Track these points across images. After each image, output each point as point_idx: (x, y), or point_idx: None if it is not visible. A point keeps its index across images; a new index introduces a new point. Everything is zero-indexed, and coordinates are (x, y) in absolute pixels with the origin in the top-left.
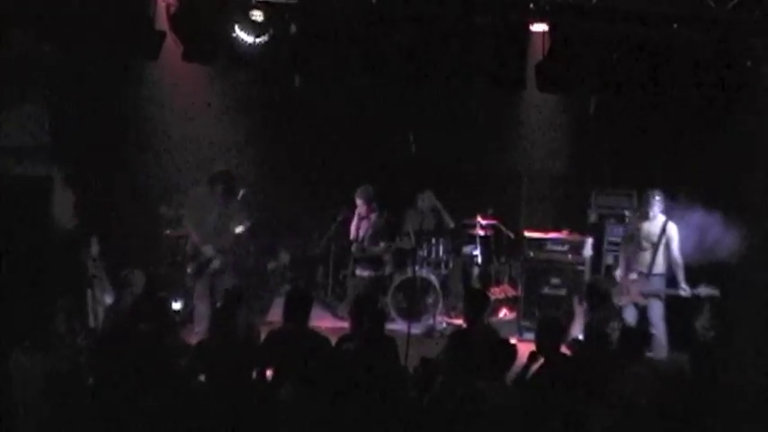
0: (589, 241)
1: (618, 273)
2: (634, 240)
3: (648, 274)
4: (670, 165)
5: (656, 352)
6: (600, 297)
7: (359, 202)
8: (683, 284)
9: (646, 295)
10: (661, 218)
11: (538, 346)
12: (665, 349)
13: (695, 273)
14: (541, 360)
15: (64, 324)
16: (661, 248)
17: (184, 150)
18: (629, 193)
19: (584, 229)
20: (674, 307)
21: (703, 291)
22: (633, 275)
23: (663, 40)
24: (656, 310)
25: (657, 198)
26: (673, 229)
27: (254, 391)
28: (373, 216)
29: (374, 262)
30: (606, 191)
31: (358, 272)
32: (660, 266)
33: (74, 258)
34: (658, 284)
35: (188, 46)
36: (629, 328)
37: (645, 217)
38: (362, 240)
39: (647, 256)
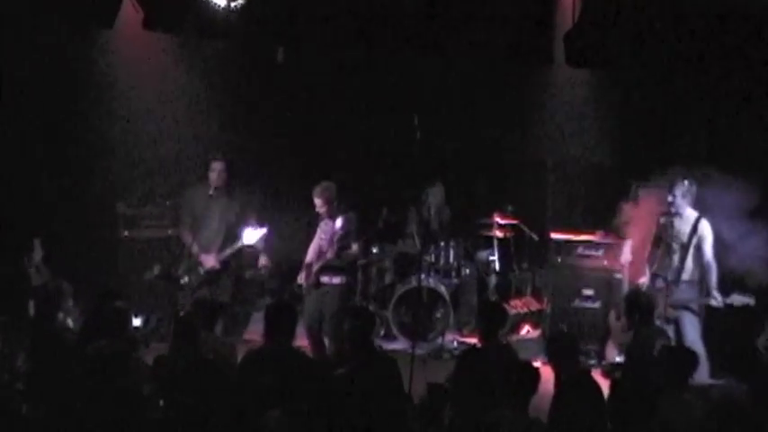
0: (629, 244)
1: (642, 281)
2: (661, 241)
3: (677, 282)
4: (726, 152)
5: (695, 375)
6: (642, 312)
7: (318, 202)
8: (715, 292)
9: (675, 306)
10: (692, 214)
11: (552, 367)
12: (707, 372)
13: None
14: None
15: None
16: (692, 250)
17: (145, 138)
18: None
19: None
20: (718, 322)
21: (736, 299)
22: (660, 284)
23: (714, 3)
24: (690, 325)
25: (682, 189)
26: (705, 228)
27: (229, 421)
28: (340, 219)
29: (344, 268)
30: (650, 183)
31: (324, 279)
32: (690, 272)
33: (12, 265)
34: (689, 293)
35: (149, 12)
36: (673, 348)
37: (673, 212)
38: (330, 244)
39: (675, 259)
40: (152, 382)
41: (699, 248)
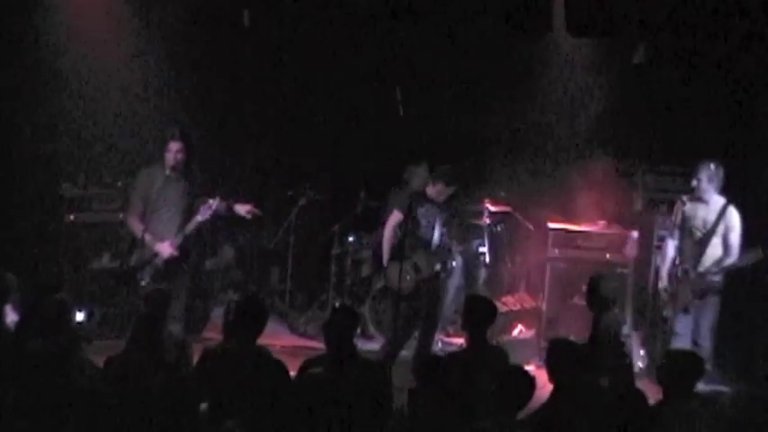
0: (634, 236)
1: (663, 270)
2: (685, 231)
3: (703, 272)
4: (742, 134)
5: None
6: (602, 300)
7: (441, 188)
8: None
9: (700, 294)
10: (719, 200)
11: (549, 374)
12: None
13: None
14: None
15: None
16: (715, 240)
17: (93, 111)
18: (690, 171)
19: (627, 220)
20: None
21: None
22: (682, 274)
23: None
24: (708, 319)
25: (708, 173)
26: (734, 216)
27: (184, 427)
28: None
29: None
30: (658, 169)
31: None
32: (713, 259)
33: None
34: (714, 284)
35: None
36: (678, 352)
37: (697, 198)
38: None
39: (699, 249)
40: (101, 383)
41: (725, 238)
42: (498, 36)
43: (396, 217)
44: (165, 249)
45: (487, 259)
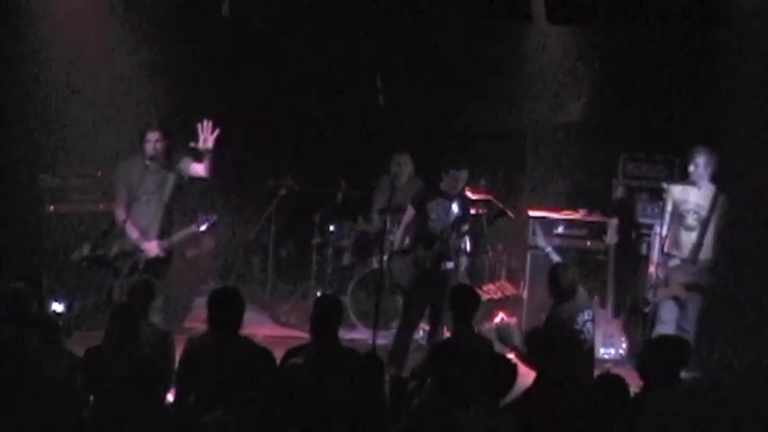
0: (614, 223)
1: (654, 258)
2: (675, 216)
3: (694, 261)
4: (725, 122)
5: None
6: (562, 290)
7: (456, 183)
8: None
9: (691, 288)
10: (710, 186)
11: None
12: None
13: None
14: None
15: None
16: (711, 227)
17: (73, 99)
18: (670, 159)
19: (607, 208)
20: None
21: None
22: (674, 261)
23: None
24: (695, 306)
25: (705, 158)
26: (726, 202)
27: (166, 419)
28: (457, 201)
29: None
30: (639, 156)
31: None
32: (709, 251)
33: None
34: (706, 275)
35: None
36: (662, 337)
37: (690, 184)
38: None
39: (692, 236)
40: (81, 375)
41: (720, 224)
42: (478, 25)
43: (410, 213)
44: (152, 249)
45: (468, 247)
